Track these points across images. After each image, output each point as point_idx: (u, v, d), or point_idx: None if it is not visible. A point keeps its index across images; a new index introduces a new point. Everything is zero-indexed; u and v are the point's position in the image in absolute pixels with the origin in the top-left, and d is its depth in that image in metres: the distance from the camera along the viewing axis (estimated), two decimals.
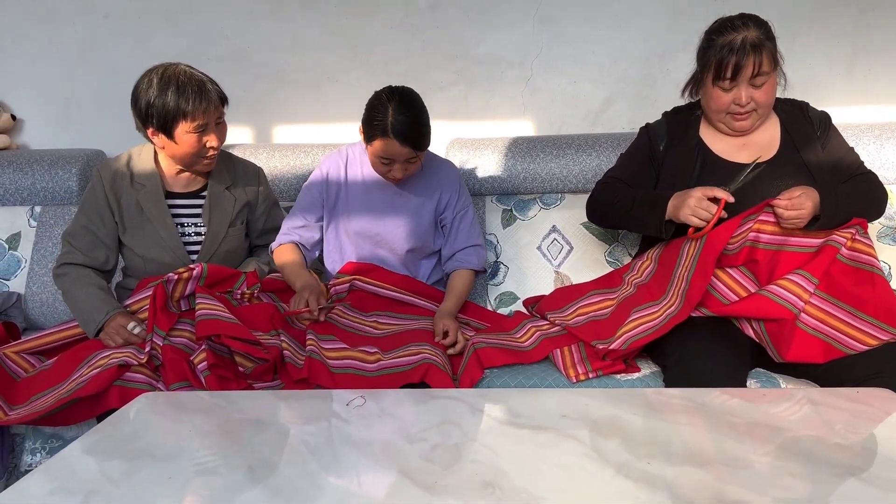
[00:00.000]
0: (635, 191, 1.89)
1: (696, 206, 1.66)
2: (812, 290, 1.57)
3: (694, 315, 1.65)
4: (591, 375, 1.65)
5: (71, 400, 1.57)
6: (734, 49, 1.69)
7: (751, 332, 1.65)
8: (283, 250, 2.04)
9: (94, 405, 1.60)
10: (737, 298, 1.65)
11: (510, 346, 1.79)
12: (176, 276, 1.77)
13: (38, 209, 2.41)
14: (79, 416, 1.61)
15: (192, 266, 1.81)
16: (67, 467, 1.04)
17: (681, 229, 1.76)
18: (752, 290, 1.64)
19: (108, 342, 1.72)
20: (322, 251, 2.15)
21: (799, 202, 1.61)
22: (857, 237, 1.62)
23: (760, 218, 1.66)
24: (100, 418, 1.59)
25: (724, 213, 1.66)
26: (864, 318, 1.52)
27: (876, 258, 1.62)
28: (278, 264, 2.03)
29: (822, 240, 1.63)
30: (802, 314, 1.56)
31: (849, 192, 1.71)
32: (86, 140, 2.73)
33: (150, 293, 1.74)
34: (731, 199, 1.64)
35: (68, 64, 2.74)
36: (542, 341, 1.80)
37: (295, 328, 1.83)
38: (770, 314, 1.56)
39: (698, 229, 1.68)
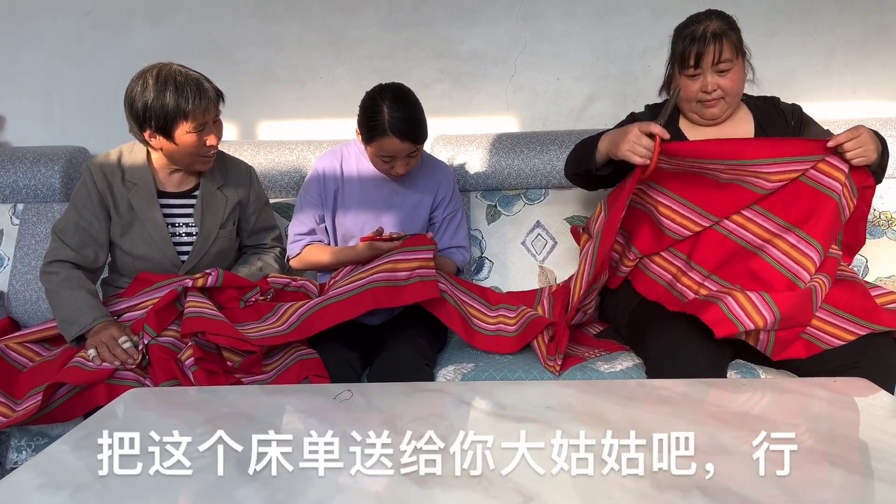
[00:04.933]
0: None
1: (635, 141, 1.64)
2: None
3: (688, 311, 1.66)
4: (559, 360, 1.67)
5: (57, 384, 1.56)
6: (695, 38, 1.75)
7: None
8: (306, 253, 2.03)
9: (82, 403, 1.59)
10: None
11: (469, 318, 1.83)
12: (191, 283, 1.75)
13: (20, 207, 2.39)
14: (66, 414, 1.61)
15: (208, 272, 1.79)
16: (56, 462, 1.04)
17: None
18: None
19: (102, 352, 1.64)
20: None
21: (861, 140, 1.60)
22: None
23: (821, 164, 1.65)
24: (86, 417, 1.58)
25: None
26: (841, 314, 1.56)
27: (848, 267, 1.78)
28: (312, 266, 2.04)
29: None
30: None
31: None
32: (68, 137, 2.71)
33: (162, 295, 1.72)
34: (667, 135, 1.62)
35: (50, 61, 2.72)
36: (498, 336, 1.83)
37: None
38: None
39: (645, 169, 1.66)
